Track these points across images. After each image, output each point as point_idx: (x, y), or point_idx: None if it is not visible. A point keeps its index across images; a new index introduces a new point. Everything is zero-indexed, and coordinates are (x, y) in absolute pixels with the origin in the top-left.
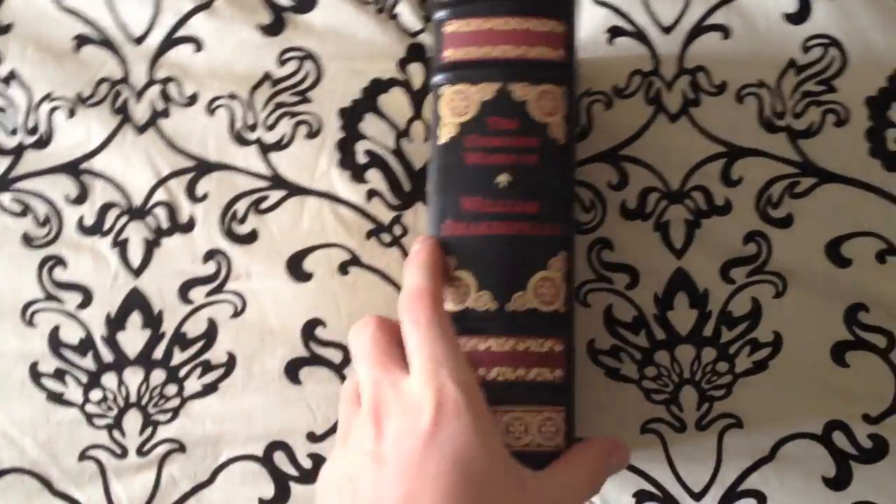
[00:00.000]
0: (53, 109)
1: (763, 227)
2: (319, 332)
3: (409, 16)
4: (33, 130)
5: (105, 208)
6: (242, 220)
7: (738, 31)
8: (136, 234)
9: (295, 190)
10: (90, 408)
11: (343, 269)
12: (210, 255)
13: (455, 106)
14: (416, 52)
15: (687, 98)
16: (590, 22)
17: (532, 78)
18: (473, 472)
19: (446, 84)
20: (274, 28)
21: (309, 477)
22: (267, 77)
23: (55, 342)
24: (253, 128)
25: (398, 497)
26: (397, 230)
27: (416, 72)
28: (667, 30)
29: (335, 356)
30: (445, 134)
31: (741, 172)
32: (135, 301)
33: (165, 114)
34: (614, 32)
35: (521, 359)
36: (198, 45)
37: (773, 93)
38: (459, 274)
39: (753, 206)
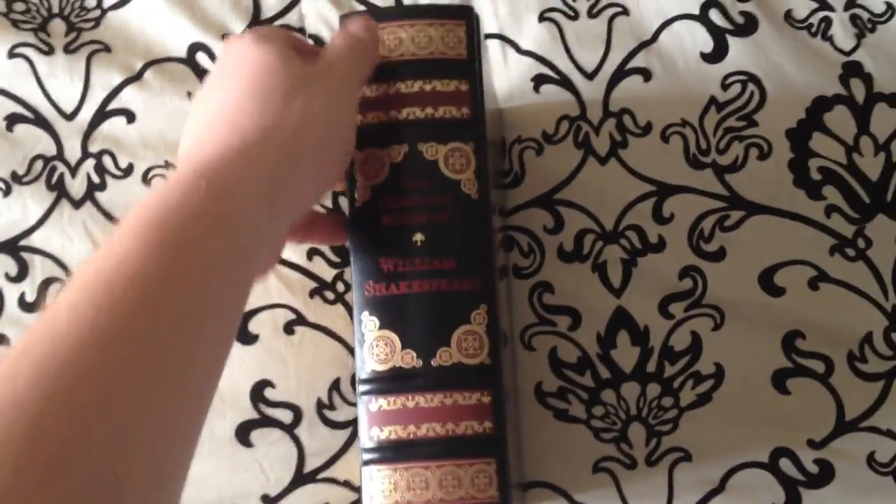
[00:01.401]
0: None
1: (697, 262)
2: (268, 393)
3: None
4: None
5: (46, 284)
6: None
7: (659, 73)
8: None
9: None
10: None
11: (288, 328)
12: None
13: (367, 170)
14: None
15: (614, 140)
16: (515, 71)
17: (440, 137)
18: (245, 66)
19: (357, 149)
20: None
21: None
22: None
23: None
24: None
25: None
26: (340, 287)
27: None
28: (590, 75)
29: (286, 416)
30: (360, 197)
31: (672, 209)
32: None
33: (102, 187)
34: (539, 80)
35: (450, 413)
36: (130, 116)
37: (696, 130)
38: (384, 333)
39: (686, 241)
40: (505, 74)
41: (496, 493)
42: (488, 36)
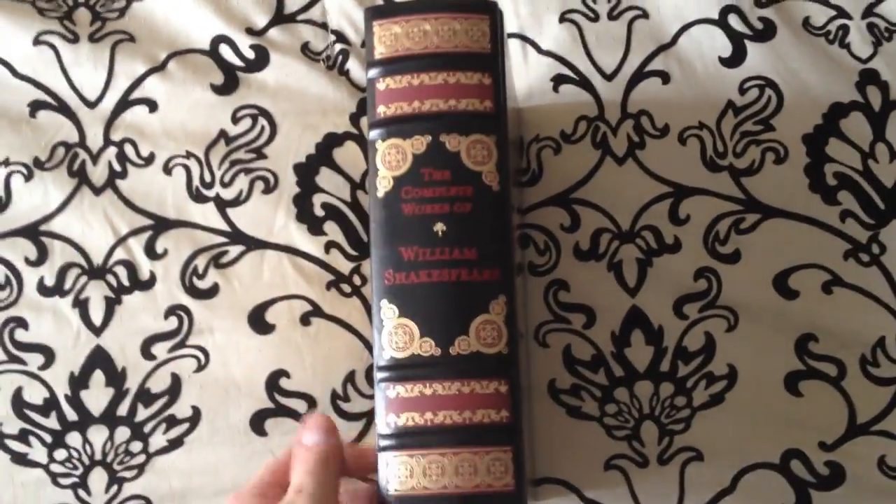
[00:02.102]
0: (11, 174)
1: (712, 263)
2: (284, 383)
3: (359, 71)
4: None
5: (65, 269)
6: (203, 276)
7: (677, 76)
8: (96, 293)
9: (254, 244)
10: (55, 467)
11: (305, 319)
12: (171, 310)
13: (390, 160)
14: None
15: (632, 141)
16: (535, 71)
17: (462, 129)
18: None
19: (380, 139)
20: (227, 87)
21: None
22: (222, 135)
23: (18, 403)
24: (210, 185)
25: None
26: (357, 280)
27: None
28: (609, 77)
29: (300, 406)
30: (382, 187)
31: (688, 211)
32: (97, 359)
33: (122, 174)
34: (559, 80)
35: (467, 401)
36: (152, 106)
37: (713, 134)
38: (403, 321)
39: (702, 243)
40: (525, 74)
41: (512, 482)
42: (509, 35)
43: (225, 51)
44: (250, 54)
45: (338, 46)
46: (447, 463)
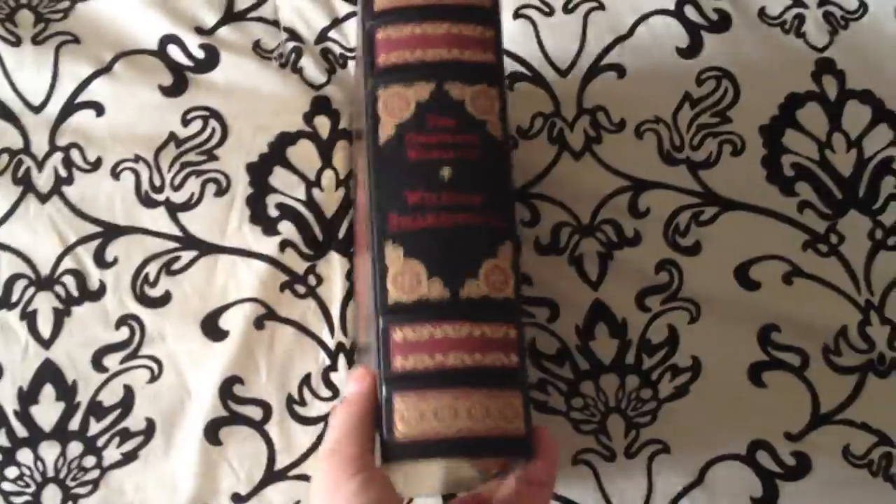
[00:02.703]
0: None
1: (673, 256)
2: (238, 389)
3: (312, 70)
4: None
5: (11, 280)
6: (154, 283)
7: (634, 69)
8: (45, 305)
9: (206, 248)
10: (6, 486)
11: (259, 323)
12: (122, 320)
13: (392, 107)
14: (321, 105)
15: (589, 136)
16: None
17: (467, 78)
18: None
19: (381, 87)
20: (176, 88)
21: None
22: (172, 137)
23: None
24: (160, 189)
25: None
26: (312, 280)
27: (322, 124)
28: (564, 73)
29: (255, 413)
30: (385, 133)
31: (647, 204)
32: (47, 373)
33: (69, 181)
34: (514, 77)
35: (478, 344)
36: (99, 109)
37: (670, 127)
38: (410, 264)
39: (662, 235)
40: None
41: (523, 426)
42: None
43: (173, 51)
44: (200, 54)
45: (290, 44)
46: (460, 406)
